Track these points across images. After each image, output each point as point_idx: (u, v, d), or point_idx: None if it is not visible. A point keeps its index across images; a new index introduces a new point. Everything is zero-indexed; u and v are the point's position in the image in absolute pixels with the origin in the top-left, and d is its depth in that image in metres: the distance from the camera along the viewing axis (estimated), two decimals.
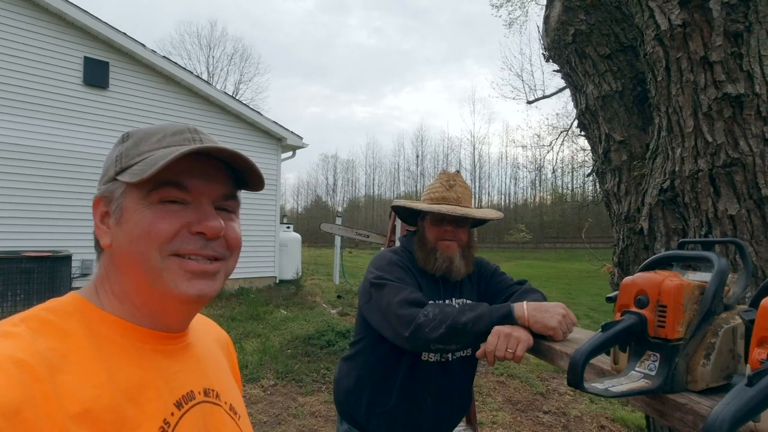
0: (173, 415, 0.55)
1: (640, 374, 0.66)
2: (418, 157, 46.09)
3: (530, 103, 14.58)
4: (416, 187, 44.87)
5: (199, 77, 8.68)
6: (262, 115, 9.25)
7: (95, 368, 0.50)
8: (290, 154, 10.16)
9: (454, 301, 1.41)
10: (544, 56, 2.16)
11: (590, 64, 1.85)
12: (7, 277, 5.26)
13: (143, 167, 0.55)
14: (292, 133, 9.54)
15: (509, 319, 1.11)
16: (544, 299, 1.29)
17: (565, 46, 1.91)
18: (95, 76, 7.18)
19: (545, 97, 13.38)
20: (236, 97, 13.73)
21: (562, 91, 11.36)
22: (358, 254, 23.41)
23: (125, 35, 7.35)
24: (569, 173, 32.48)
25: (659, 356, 0.66)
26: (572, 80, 2.00)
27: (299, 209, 49.99)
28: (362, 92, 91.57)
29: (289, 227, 10.39)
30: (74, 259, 6.11)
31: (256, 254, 8.88)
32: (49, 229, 6.71)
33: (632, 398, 0.70)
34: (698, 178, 1.27)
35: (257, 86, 51.62)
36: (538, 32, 2.19)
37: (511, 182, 42.48)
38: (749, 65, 1.16)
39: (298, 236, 10.38)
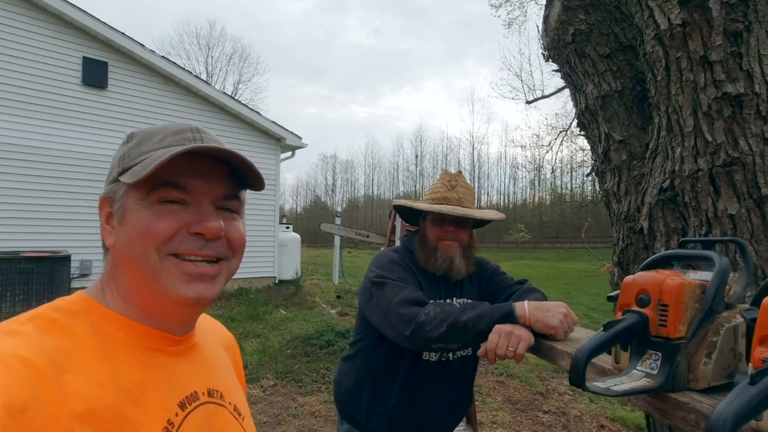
0: (177, 415, 0.55)
1: (641, 373, 0.66)
2: (417, 157, 46.14)
3: (529, 103, 14.61)
4: (415, 187, 44.91)
5: (198, 77, 8.67)
6: (261, 115, 9.24)
7: (99, 368, 0.50)
8: (289, 154, 10.15)
9: (454, 300, 1.41)
10: (543, 56, 2.16)
11: (590, 63, 1.85)
12: (5, 277, 5.24)
13: (142, 168, 0.54)
14: (291, 133, 9.53)
15: (510, 317, 1.11)
16: (544, 299, 1.30)
17: (564, 45, 1.91)
18: (94, 76, 7.17)
19: (544, 97, 13.40)
20: (235, 97, 13.70)
21: (561, 91, 11.38)
22: (357, 254, 23.40)
23: (124, 35, 7.34)
24: (568, 173, 32.57)
25: (661, 355, 0.66)
26: (572, 80, 2.00)
27: (298, 209, 50.00)
28: (361, 92, 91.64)
29: (288, 227, 10.38)
30: (73, 259, 6.10)
31: (255, 254, 8.87)
32: (48, 229, 6.70)
33: (634, 397, 0.70)
34: (698, 177, 1.27)
35: (256, 86, 51.52)
36: (537, 32, 2.19)
37: (510, 182, 42.59)
38: (749, 65, 1.16)
39: (297, 236, 10.38)
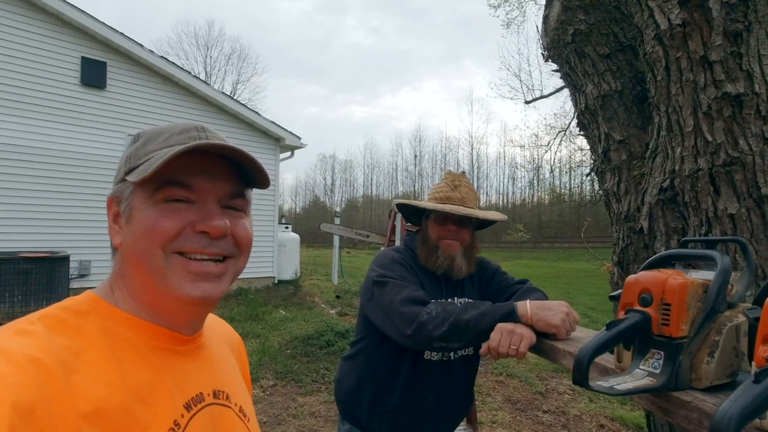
0: (183, 416, 0.55)
1: (644, 372, 0.67)
2: (416, 157, 46.11)
3: (528, 103, 14.63)
4: (414, 187, 44.91)
5: (197, 77, 8.66)
6: (260, 115, 9.24)
7: (108, 367, 0.51)
8: (288, 154, 10.15)
9: (456, 300, 1.41)
10: (543, 56, 2.16)
11: (589, 63, 1.85)
12: (4, 278, 5.24)
13: (147, 167, 0.55)
14: (290, 133, 9.53)
15: (512, 316, 1.12)
16: (545, 298, 1.30)
17: (564, 45, 1.91)
18: (93, 76, 7.16)
19: (543, 97, 13.42)
20: (234, 97, 13.69)
21: (560, 90, 11.39)
22: (356, 254, 23.40)
23: (123, 35, 7.33)
24: (567, 173, 32.58)
25: (663, 354, 0.66)
26: (571, 80, 2.00)
27: (297, 209, 49.96)
28: (360, 92, 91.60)
29: (287, 227, 10.37)
30: (72, 259, 6.10)
31: (254, 254, 8.76)
32: (46, 229, 6.68)
33: (636, 396, 0.70)
34: (698, 177, 1.28)
35: (255, 86, 51.52)
36: (536, 32, 2.19)
37: (509, 182, 42.62)
38: (749, 64, 1.17)
39: (296, 236, 10.37)
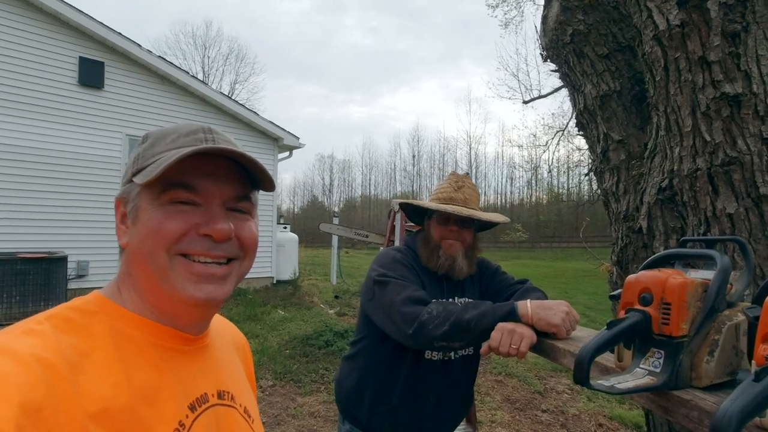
0: (188, 417, 0.55)
1: (644, 371, 0.67)
2: (414, 157, 46.13)
3: (526, 102, 14.66)
4: (412, 187, 44.93)
5: (194, 77, 8.65)
6: (258, 115, 9.23)
7: (114, 368, 0.51)
8: (287, 154, 10.14)
9: (456, 299, 1.41)
10: (542, 56, 2.17)
11: (588, 63, 1.86)
12: (2, 278, 5.22)
13: (153, 169, 0.55)
14: (288, 133, 9.52)
15: (513, 316, 1.12)
16: (545, 297, 1.31)
17: (563, 46, 1.91)
18: (90, 76, 7.14)
19: (541, 96, 13.47)
20: (232, 97, 13.68)
21: (557, 90, 11.42)
22: (355, 254, 23.40)
23: (120, 35, 7.31)
24: (565, 173, 32.71)
25: (663, 353, 0.66)
26: (570, 80, 2.01)
27: (296, 209, 49.90)
28: (358, 92, 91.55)
29: (285, 227, 10.36)
30: (70, 260, 6.08)
31: None
32: (44, 230, 6.66)
33: (637, 395, 0.70)
34: (697, 176, 1.28)
35: (253, 86, 51.50)
36: (534, 32, 2.20)
37: (507, 182, 42.72)
38: (747, 65, 1.17)
39: (295, 236, 10.36)
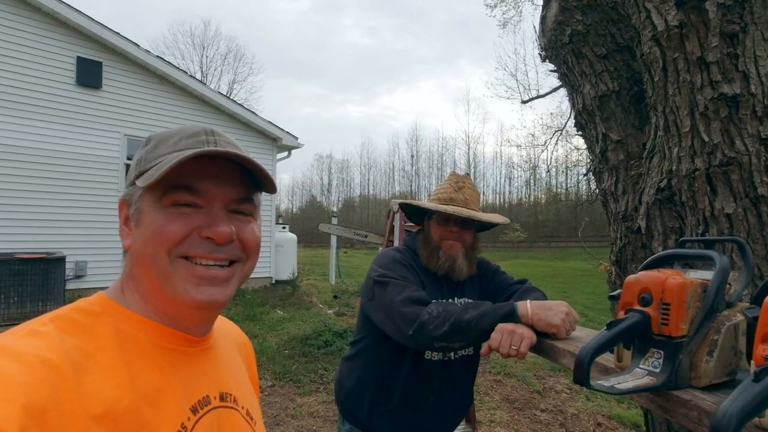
0: (189, 419, 0.55)
1: (644, 371, 0.67)
2: (412, 156, 46.17)
3: (525, 102, 14.67)
4: (411, 186, 44.97)
5: (193, 77, 8.64)
6: (257, 115, 9.22)
7: (117, 369, 0.51)
8: (285, 154, 10.14)
9: (456, 300, 1.42)
10: (540, 56, 2.17)
11: (587, 64, 1.86)
12: (0, 279, 5.20)
13: (155, 171, 0.55)
14: (287, 133, 9.52)
15: (513, 316, 1.13)
16: (544, 298, 1.31)
17: (561, 46, 1.92)
18: (88, 76, 7.12)
19: (539, 96, 13.48)
20: (230, 97, 13.66)
21: (556, 90, 11.43)
22: (353, 254, 23.39)
23: (119, 35, 7.30)
24: (563, 172, 32.77)
25: (663, 353, 0.67)
26: (569, 80, 2.01)
27: (294, 209, 49.90)
28: (357, 92, 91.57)
29: (284, 227, 10.36)
30: (68, 260, 6.06)
31: None
32: (42, 230, 6.65)
33: (636, 395, 0.71)
34: (695, 177, 1.29)
35: (251, 86, 51.29)
36: (533, 32, 2.20)
37: (505, 182, 42.75)
38: (745, 65, 1.18)
39: (293, 236, 10.36)
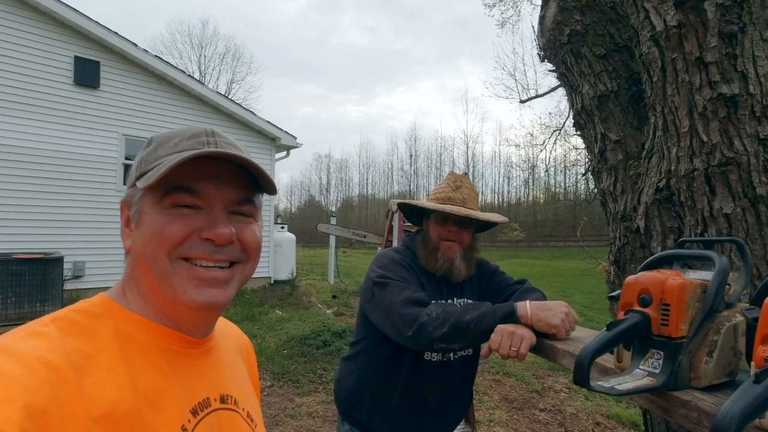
0: (190, 422, 0.55)
1: (644, 372, 0.67)
2: (411, 156, 46.18)
3: (523, 102, 14.66)
4: (410, 186, 45.01)
5: (191, 77, 8.62)
6: (255, 114, 9.21)
7: (118, 370, 0.51)
8: (284, 153, 10.13)
9: (455, 301, 1.41)
10: (539, 56, 2.17)
11: (586, 64, 1.86)
12: None
13: (155, 172, 0.55)
14: (285, 132, 9.51)
15: (512, 317, 1.12)
16: (544, 298, 1.31)
17: (560, 46, 1.92)
18: (86, 75, 7.11)
19: (538, 96, 13.48)
20: (229, 96, 13.64)
21: (554, 90, 11.44)
22: (352, 254, 23.38)
23: (116, 34, 7.28)
24: (562, 172, 32.83)
25: (663, 354, 0.67)
26: (568, 80, 2.01)
27: (293, 209, 49.86)
28: (355, 92, 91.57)
29: (283, 227, 10.36)
30: (66, 260, 6.04)
31: None
32: (40, 230, 6.63)
33: (636, 395, 0.71)
34: (694, 177, 1.29)
35: (249, 86, 51.43)
36: (531, 31, 2.21)
37: (504, 181, 42.83)
38: (743, 66, 1.18)
39: (292, 236, 10.35)
